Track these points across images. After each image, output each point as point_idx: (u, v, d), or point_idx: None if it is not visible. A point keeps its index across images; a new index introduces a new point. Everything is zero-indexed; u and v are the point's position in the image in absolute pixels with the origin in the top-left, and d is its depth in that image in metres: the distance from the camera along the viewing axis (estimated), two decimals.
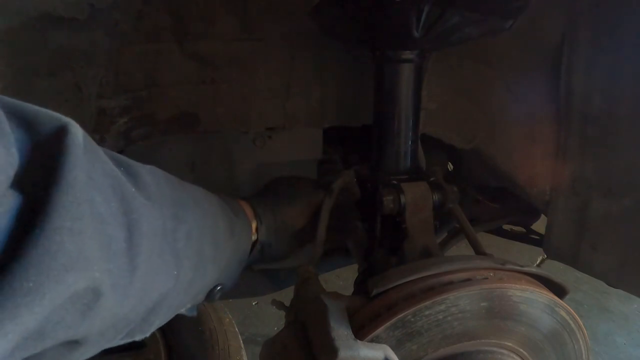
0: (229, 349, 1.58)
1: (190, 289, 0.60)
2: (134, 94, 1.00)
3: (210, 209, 0.67)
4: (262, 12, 1.02)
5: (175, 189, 0.57)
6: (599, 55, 0.84)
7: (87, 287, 0.37)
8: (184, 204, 0.57)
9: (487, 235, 1.34)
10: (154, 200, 0.49)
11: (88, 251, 0.37)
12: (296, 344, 0.65)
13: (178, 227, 0.53)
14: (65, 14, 0.83)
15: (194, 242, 0.57)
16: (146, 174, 0.51)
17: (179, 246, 0.53)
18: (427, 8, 0.78)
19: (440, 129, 1.17)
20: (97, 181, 0.40)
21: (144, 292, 0.46)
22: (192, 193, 0.63)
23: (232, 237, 0.73)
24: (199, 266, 0.59)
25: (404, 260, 0.88)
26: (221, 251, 0.68)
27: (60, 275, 0.34)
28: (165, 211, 0.51)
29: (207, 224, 0.63)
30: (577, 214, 0.93)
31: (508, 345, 0.74)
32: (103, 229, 0.40)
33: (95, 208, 0.39)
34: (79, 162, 0.38)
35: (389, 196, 0.89)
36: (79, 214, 0.36)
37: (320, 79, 1.12)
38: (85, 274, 0.37)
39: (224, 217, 0.72)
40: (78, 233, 0.36)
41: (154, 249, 0.47)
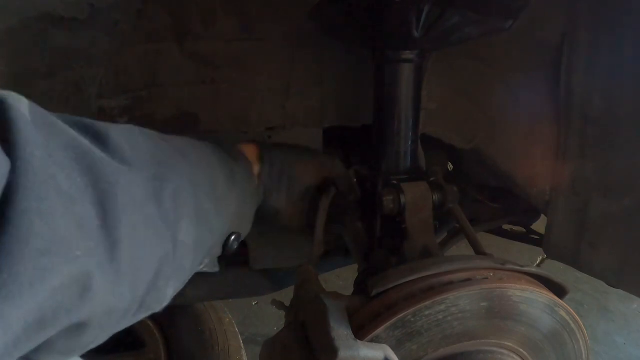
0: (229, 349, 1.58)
1: (199, 247, 0.57)
2: (134, 94, 1.00)
3: (203, 159, 0.63)
4: (262, 12, 1.02)
5: (156, 146, 0.53)
6: (599, 55, 0.84)
7: (74, 269, 0.35)
8: (167, 161, 0.53)
9: (487, 235, 1.33)
10: (130, 163, 0.45)
11: (63, 231, 0.34)
12: (296, 344, 0.65)
13: (162, 187, 0.49)
14: (65, 14, 0.83)
15: (187, 199, 0.53)
16: (118, 136, 0.46)
17: (166, 207, 0.49)
18: (427, 8, 0.78)
19: (440, 129, 1.17)
20: (56, 156, 0.37)
21: (137, 264, 0.43)
22: (179, 147, 0.59)
23: (234, 185, 0.69)
24: (201, 222, 0.56)
25: (404, 260, 0.88)
26: (224, 201, 0.65)
27: (36, 261, 0.32)
28: (145, 173, 0.47)
29: (199, 176, 0.59)
30: (577, 214, 0.93)
31: (508, 345, 0.74)
32: (72, 208, 0.36)
33: (59, 186, 0.36)
34: (31, 138, 0.34)
35: (389, 196, 0.89)
36: (44, 193, 0.33)
37: (320, 79, 1.12)
38: (66, 256, 0.34)
39: (221, 165, 0.68)
40: (48, 213, 0.33)
41: (136, 217, 0.43)
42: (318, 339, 0.62)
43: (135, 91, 1.00)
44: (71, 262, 0.35)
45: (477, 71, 1.07)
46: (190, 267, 0.55)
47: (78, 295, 0.36)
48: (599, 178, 0.89)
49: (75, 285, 0.36)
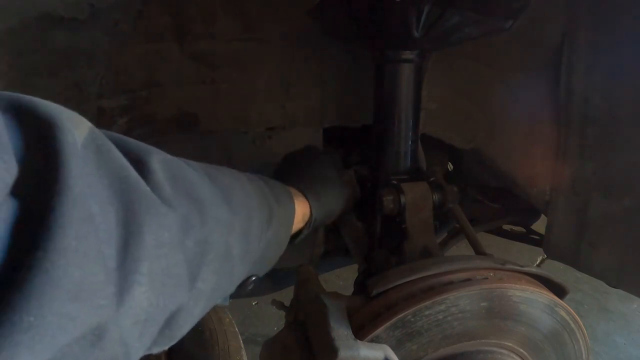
0: (229, 349, 1.58)
1: (216, 293, 0.53)
2: (134, 94, 1.00)
3: (244, 202, 0.59)
4: (262, 12, 1.02)
5: (199, 182, 0.49)
6: (599, 55, 0.84)
7: (96, 319, 0.32)
8: (205, 202, 0.49)
9: (487, 235, 1.34)
10: (169, 201, 0.42)
11: (94, 276, 0.32)
12: (296, 344, 0.65)
13: (192, 231, 0.45)
14: (65, 14, 0.83)
15: (215, 247, 0.49)
16: (160, 166, 0.43)
17: (191, 253, 0.45)
18: (427, 8, 0.78)
19: (440, 129, 1.17)
20: (97, 189, 0.35)
21: (147, 313, 0.40)
22: (223, 184, 0.55)
23: (269, 228, 0.66)
24: (224, 269, 0.53)
25: (404, 260, 0.88)
26: (253, 246, 0.61)
27: (64, 308, 0.29)
28: (179, 213, 0.43)
29: (235, 222, 0.55)
30: (577, 214, 0.93)
31: (508, 345, 0.74)
32: (99, 246, 0.34)
33: (95, 223, 0.33)
34: (81, 167, 0.32)
35: (389, 196, 0.89)
36: (84, 231, 0.31)
37: (320, 79, 1.12)
38: (92, 304, 0.32)
39: (261, 206, 0.64)
40: (83, 255, 0.31)
41: (157, 263, 0.40)
42: (318, 339, 0.62)
43: (135, 91, 1.00)
44: (95, 311, 0.32)
45: (477, 71, 1.07)
46: (201, 311, 0.52)
47: (91, 344, 0.33)
48: (599, 178, 0.89)
49: (91, 334, 0.33)
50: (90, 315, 0.32)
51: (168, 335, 0.47)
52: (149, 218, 0.39)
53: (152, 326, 0.42)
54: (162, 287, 0.41)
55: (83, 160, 0.34)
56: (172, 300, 0.43)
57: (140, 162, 0.41)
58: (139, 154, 0.42)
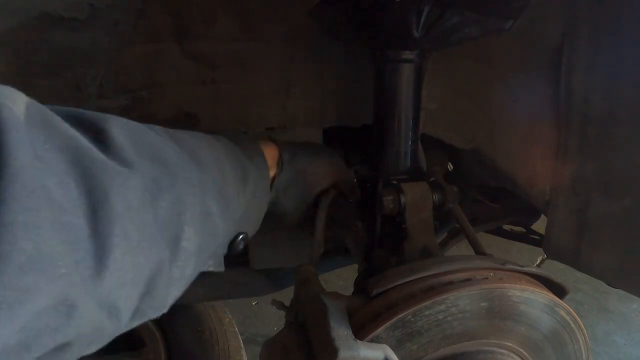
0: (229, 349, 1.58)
1: (203, 252, 0.54)
2: (134, 94, 1.00)
3: (214, 160, 0.60)
4: (262, 12, 1.02)
5: (163, 145, 0.50)
6: (599, 55, 0.84)
7: (58, 288, 0.33)
8: (173, 163, 0.49)
9: (487, 235, 1.34)
10: (130, 163, 0.42)
11: (48, 247, 0.32)
12: (296, 344, 0.65)
13: (162, 192, 0.46)
14: (65, 14, 0.83)
15: (191, 205, 0.50)
16: (120, 132, 0.43)
17: (164, 213, 0.46)
18: (427, 8, 0.78)
19: (440, 129, 1.17)
20: (49, 161, 0.34)
21: (129, 273, 0.41)
22: (189, 146, 0.56)
23: (245, 185, 0.67)
24: (206, 226, 0.54)
25: (404, 260, 0.88)
26: (233, 203, 0.62)
27: (18, 281, 0.29)
28: (145, 175, 0.44)
29: (208, 179, 0.56)
30: (577, 214, 0.93)
31: (508, 345, 0.74)
32: (61, 217, 0.34)
33: (49, 195, 0.33)
34: (21, 142, 0.32)
35: (389, 196, 0.89)
36: (32, 204, 0.31)
37: (320, 79, 1.12)
38: (50, 274, 0.32)
39: (234, 164, 0.65)
40: (34, 227, 0.31)
41: (130, 225, 0.40)
42: (318, 339, 0.62)
43: (135, 91, 1.00)
44: (55, 281, 0.32)
45: (477, 71, 1.07)
46: (192, 272, 0.54)
47: (64, 314, 0.34)
48: (599, 178, 0.89)
49: (60, 305, 0.33)
50: (50, 285, 0.32)
51: (157, 296, 0.47)
52: (111, 182, 0.39)
53: (137, 286, 0.43)
54: (139, 246, 0.41)
55: (26, 133, 0.33)
56: (151, 259, 0.44)
57: (99, 130, 0.42)
58: (97, 122, 0.42)
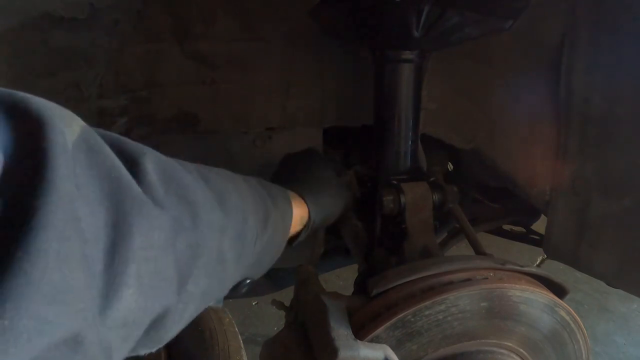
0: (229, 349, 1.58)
1: (207, 296, 0.53)
2: (134, 94, 1.00)
3: (239, 204, 0.57)
4: (262, 12, 1.02)
5: (192, 184, 0.48)
6: (599, 55, 0.84)
7: (75, 323, 0.32)
8: (199, 204, 0.48)
9: (487, 235, 1.34)
10: (161, 203, 0.41)
11: (74, 280, 0.31)
12: (296, 344, 0.65)
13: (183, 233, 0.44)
14: (65, 14, 0.83)
15: (207, 250, 0.49)
16: (153, 166, 0.42)
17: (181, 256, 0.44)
18: (427, 8, 0.78)
19: (440, 129, 1.17)
20: (86, 189, 0.34)
21: (133, 316, 0.39)
22: (217, 186, 0.54)
23: (264, 232, 0.64)
24: (216, 272, 0.52)
25: (404, 260, 0.88)
26: (248, 251, 0.60)
27: (41, 311, 0.28)
28: (171, 215, 0.43)
29: (230, 224, 0.54)
30: (577, 214, 0.93)
31: (508, 345, 0.74)
32: (85, 249, 0.33)
33: (80, 225, 0.32)
34: (67, 169, 0.31)
35: (389, 196, 0.89)
36: (67, 234, 0.30)
37: (320, 79, 1.12)
38: (71, 308, 0.31)
39: (257, 208, 0.63)
40: (65, 258, 0.30)
41: (145, 266, 0.39)
42: (318, 339, 0.62)
43: (135, 91, 1.00)
44: (74, 315, 0.31)
45: (477, 71, 1.07)
46: (190, 315, 0.52)
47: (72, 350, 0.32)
48: (599, 178, 0.89)
49: (72, 339, 0.32)
50: (69, 319, 0.31)
51: (154, 338, 0.46)
52: (140, 219, 0.38)
53: (138, 329, 0.41)
54: (150, 289, 0.40)
55: (73, 160, 0.33)
56: (159, 303, 0.42)
57: (134, 163, 0.41)
58: (133, 154, 0.41)
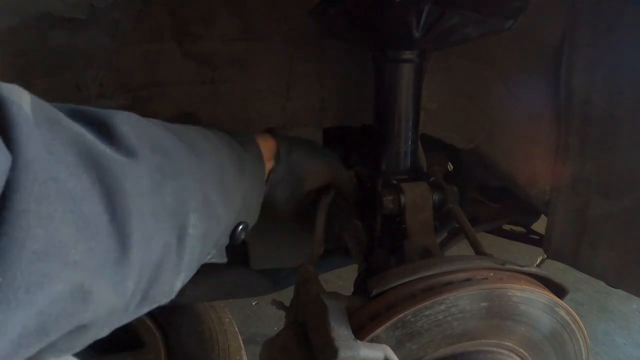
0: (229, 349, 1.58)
1: (207, 238, 0.57)
2: (134, 94, 1.00)
3: (211, 150, 0.62)
4: (262, 12, 1.02)
5: (162, 137, 0.52)
6: (599, 55, 0.84)
7: (74, 274, 0.34)
8: (173, 153, 0.52)
9: (487, 235, 1.34)
10: (135, 153, 0.44)
11: (61, 235, 0.33)
12: (296, 344, 0.65)
13: (165, 179, 0.48)
14: (65, 14, 0.83)
15: (193, 192, 0.53)
16: (123, 125, 0.45)
17: (169, 198, 0.48)
18: (427, 8, 0.78)
19: (440, 129, 1.17)
20: (59, 154, 0.36)
21: (144, 255, 0.43)
22: (187, 138, 0.58)
23: (242, 175, 0.69)
24: (208, 214, 0.56)
25: (404, 260, 0.88)
26: (232, 192, 0.65)
27: (33, 266, 0.31)
28: (150, 163, 0.46)
29: (207, 168, 0.58)
30: (577, 214, 0.93)
31: (508, 345, 0.74)
32: (76, 206, 0.35)
33: (62, 185, 0.35)
34: (32, 136, 0.33)
35: (388, 196, 0.89)
36: (44, 194, 0.32)
37: (320, 78, 1.12)
38: (64, 261, 0.33)
39: (231, 154, 0.67)
40: (46, 217, 0.32)
41: (144, 208, 0.43)
42: (318, 339, 0.62)
43: (135, 91, 1.00)
44: (70, 267, 0.34)
45: (477, 71, 1.07)
46: (197, 258, 0.56)
47: (80, 299, 0.35)
48: (599, 178, 0.89)
49: (76, 290, 0.35)
50: (66, 271, 0.33)
51: (165, 281, 0.49)
52: (122, 170, 0.41)
53: (147, 271, 0.45)
54: (153, 230, 0.44)
55: (36, 127, 0.34)
56: (160, 243, 0.46)
57: (102, 124, 0.44)
58: (100, 116, 0.44)
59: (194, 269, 0.56)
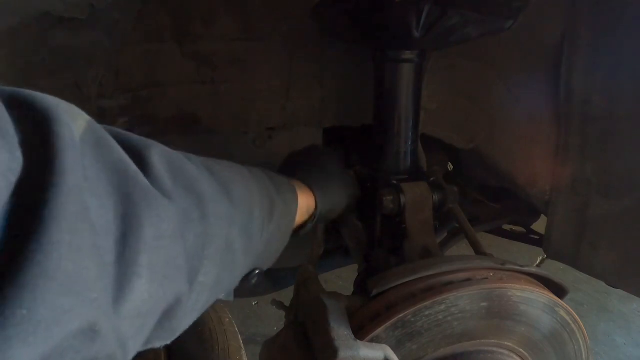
0: (229, 349, 1.58)
1: (218, 286, 0.54)
2: (134, 94, 1.00)
3: (245, 194, 0.59)
4: (262, 12, 1.02)
5: (199, 176, 0.49)
6: (599, 55, 0.84)
7: (91, 312, 0.33)
8: (207, 195, 0.48)
9: (487, 235, 1.34)
10: (169, 194, 0.42)
11: (87, 270, 0.32)
12: (296, 344, 0.65)
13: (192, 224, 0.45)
14: (65, 14, 0.83)
15: (216, 240, 0.50)
16: (160, 159, 0.43)
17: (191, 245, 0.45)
18: (427, 8, 0.78)
19: (440, 129, 1.17)
20: (94, 181, 0.35)
21: (147, 305, 0.40)
22: (224, 178, 0.55)
23: (271, 221, 0.66)
24: (225, 262, 0.53)
25: (404, 260, 0.88)
26: (256, 240, 0.61)
27: (57, 301, 0.29)
28: (180, 206, 0.43)
29: (237, 215, 0.55)
30: (577, 214, 0.93)
31: (508, 345, 0.74)
32: (98, 241, 0.34)
33: (91, 217, 0.33)
34: (76, 162, 0.32)
35: (388, 196, 0.89)
36: (79, 225, 0.31)
37: (320, 79, 1.12)
38: (85, 298, 0.32)
39: (262, 198, 0.64)
40: (77, 249, 0.31)
41: (157, 255, 0.40)
42: (318, 339, 0.62)
43: (135, 91, 1.00)
44: (88, 305, 0.32)
45: (477, 71, 1.07)
46: (203, 305, 0.53)
47: (89, 339, 0.34)
48: (599, 178, 0.89)
49: (88, 329, 0.33)
50: (84, 308, 0.32)
51: (168, 328, 0.47)
52: (149, 210, 0.39)
53: (151, 318, 0.42)
54: (162, 279, 0.41)
55: (80, 153, 0.33)
56: (171, 292, 0.43)
57: (140, 156, 0.42)
58: (139, 147, 0.42)
59: (199, 314, 0.53)
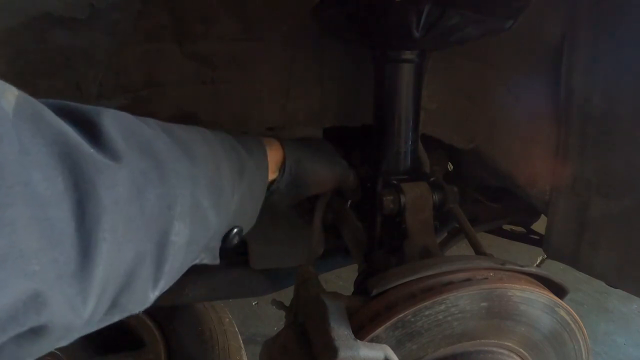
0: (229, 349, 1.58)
1: (193, 245, 0.54)
2: (134, 94, 1.00)
3: (207, 153, 0.60)
4: (262, 12, 1.02)
5: (154, 138, 0.50)
6: (599, 55, 0.84)
7: (30, 284, 0.33)
8: (164, 155, 0.49)
9: (487, 235, 1.34)
10: (120, 156, 0.42)
11: (22, 243, 0.32)
12: (296, 344, 0.65)
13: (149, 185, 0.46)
14: (65, 14, 0.83)
15: (181, 198, 0.50)
16: (111, 124, 0.43)
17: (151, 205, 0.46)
18: (427, 8, 0.78)
19: (440, 129, 1.17)
20: (36, 155, 0.34)
21: (111, 267, 0.40)
22: (183, 139, 0.56)
23: (241, 180, 0.67)
24: (196, 220, 0.53)
25: (404, 260, 0.88)
26: (226, 197, 0.62)
27: None
28: (134, 168, 0.44)
29: (199, 172, 0.55)
30: (577, 214, 0.93)
31: (508, 345, 0.74)
32: (43, 212, 0.34)
33: (31, 189, 0.33)
34: (6, 136, 0.32)
35: (388, 196, 0.89)
36: (10, 200, 0.31)
37: (320, 79, 1.12)
38: (21, 270, 0.32)
39: (230, 158, 0.65)
40: (9, 223, 0.31)
41: (116, 218, 0.40)
42: (318, 339, 0.62)
43: (135, 91, 1.00)
44: (27, 277, 0.32)
45: (477, 71, 1.07)
46: (180, 265, 0.53)
47: (34, 310, 0.34)
48: (599, 178, 0.89)
49: (30, 300, 0.33)
50: (22, 281, 0.32)
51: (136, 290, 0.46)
52: (100, 176, 0.39)
53: (116, 280, 0.42)
54: (124, 240, 0.41)
55: (13, 126, 0.33)
56: (130, 254, 0.44)
57: (91, 122, 0.42)
58: (90, 114, 0.42)
59: (177, 275, 0.53)
